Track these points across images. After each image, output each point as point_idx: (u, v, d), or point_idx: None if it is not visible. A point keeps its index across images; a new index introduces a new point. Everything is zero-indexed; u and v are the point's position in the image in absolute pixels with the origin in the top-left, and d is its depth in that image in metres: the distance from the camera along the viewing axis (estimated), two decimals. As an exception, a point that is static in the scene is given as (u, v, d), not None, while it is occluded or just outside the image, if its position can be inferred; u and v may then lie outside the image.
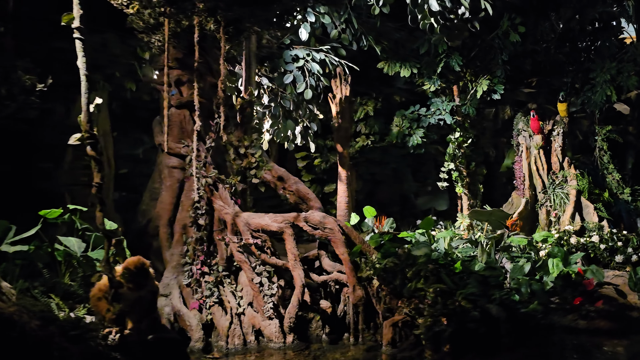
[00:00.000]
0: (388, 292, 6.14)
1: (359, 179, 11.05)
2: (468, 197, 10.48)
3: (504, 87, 11.10)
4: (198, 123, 6.30)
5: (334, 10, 7.92)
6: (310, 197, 7.34)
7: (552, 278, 6.41)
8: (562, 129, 10.26)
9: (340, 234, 6.43)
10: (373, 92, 11.54)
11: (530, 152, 10.35)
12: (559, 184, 10.09)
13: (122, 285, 4.40)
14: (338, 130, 10.09)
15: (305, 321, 6.54)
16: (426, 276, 6.31)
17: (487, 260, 6.65)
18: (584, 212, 9.80)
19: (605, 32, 10.44)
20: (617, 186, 10.69)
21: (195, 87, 6.33)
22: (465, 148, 10.25)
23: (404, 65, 9.26)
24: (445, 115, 9.80)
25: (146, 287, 4.59)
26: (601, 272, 6.56)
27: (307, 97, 7.75)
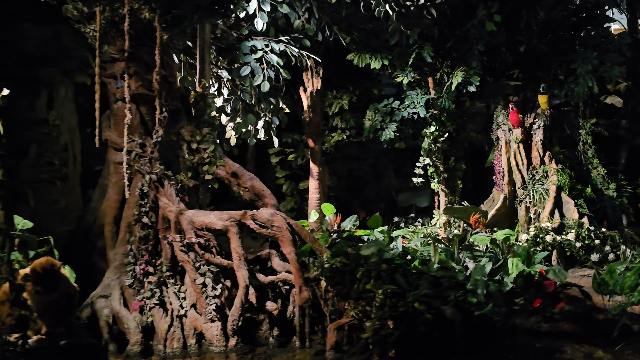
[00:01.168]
0: (335, 293, 5.84)
1: (334, 175, 10.74)
2: (446, 193, 10.13)
3: (488, 79, 10.78)
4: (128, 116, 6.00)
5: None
6: (265, 193, 7.05)
7: (512, 279, 6.07)
8: (543, 122, 9.86)
9: (289, 233, 6.14)
10: (351, 85, 11.21)
11: (509, 146, 9.96)
12: (539, 179, 9.69)
13: (24, 289, 4.14)
14: (309, 124, 9.80)
15: (254, 323, 6.28)
16: (377, 277, 6.01)
17: (440, 260, 6.31)
18: (564, 208, 9.39)
19: (589, 21, 10.01)
20: (602, 182, 10.27)
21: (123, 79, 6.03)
22: (442, 142, 9.89)
23: (374, 57, 8.92)
24: (419, 109, 9.44)
25: (57, 290, 4.32)
26: (563, 272, 6.19)
27: (264, 90, 7.44)
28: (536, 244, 8.54)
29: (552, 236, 8.39)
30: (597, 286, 5.99)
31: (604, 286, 5.92)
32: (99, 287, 6.14)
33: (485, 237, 7.22)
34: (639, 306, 6.21)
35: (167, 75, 6.88)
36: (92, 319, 5.95)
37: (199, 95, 7.12)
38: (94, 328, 5.90)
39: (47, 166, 8.76)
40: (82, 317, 5.91)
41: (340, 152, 10.81)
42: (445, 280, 5.80)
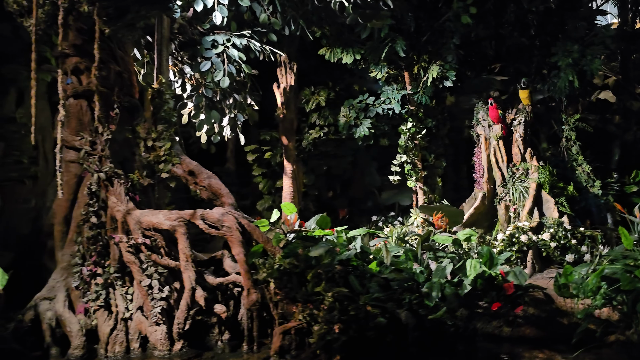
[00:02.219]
0: (283, 296, 5.62)
1: (310, 173, 10.50)
2: (425, 191, 9.87)
3: (468, 74, 10.49)
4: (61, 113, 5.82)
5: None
6: (222, 192, 6.84)
7: (470, 281, 5.80)
8: (524, 118, 9.55)
9: (238, 233, 5.94)
10: (331, 81, 10.97)
11: (489, 143, 9.67)
12: (519, 177, 9.39)
13: None
14: (283, 121, 9.60)
15: (206, 327, 6.09)
16: (331, 279, 5.80)
17: (393, 262, 6.06)
18: (544, 207, 9.09)
19: (573, 14, 9.67)
20: (587, 179, 9.93)
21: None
22: (420, 139, 9.63)
23: (346, 51, 8.67)
24: (394, 105, 9.18)
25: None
26: (524, 274, 5.91)
27: (223, 85, 7.22)
28: (512, 244, 8.27)
29: (527, 236, 8.10)
30: (557, 289, 5.71)
31: (564, 289, 5.63)
32: (44, 289, 5.97)
33: (448, 237, 6.95)
34: (607, 309, 5.94)
35: (121, 70, 6.71)
36: (35, 321, 5.79)
37: (156, 92, 6.93)
38: (37, 331, 5.74)
39: (16, 165, 8.66)
40: (25, 319, 5.75)
41: (318, 150, 10.57)
42: (395, 283, 5.55)
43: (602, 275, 5.55)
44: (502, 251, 8.28)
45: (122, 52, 6.77)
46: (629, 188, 10.65)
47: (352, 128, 9.30)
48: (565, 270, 5.71)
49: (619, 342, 5.57)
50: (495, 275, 5.92)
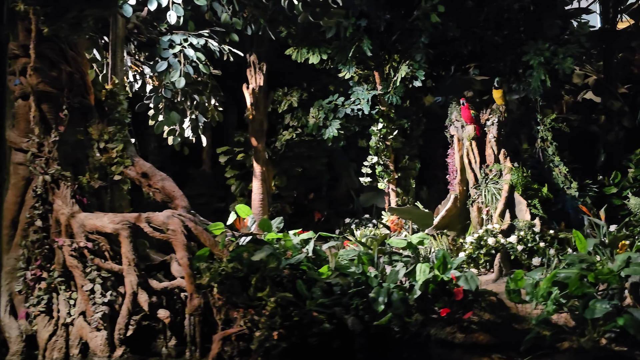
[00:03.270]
0: (225, 301, 5.48)
1: (282, 175, 10.35)
2: (398, 193, 9.70)
3: (442, 73, 10.33)
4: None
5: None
6: (176, 195, 6.71)
7: (420, 286, 5.63)
8: (497, 118, 9.34)
9: (183, 236, 5.81)
10: (306, 82, 10.83)
11: (462, 143, 9.47)
12: (492, 178, 9.19)
13: None
14: (252, 122, 9.48)
15: (153, 332, 5.96)
16: (278, 283, 5.66)
17: (338, 266, 5.90)
18: (517, 209, 8.88)
19: (548, 12, 9.47)
20: (564, 180, 9.72)
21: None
22: (392, 140, 9.46)
23: (312, 51, 8.53)
24: (364, 105, 9.03)
25: None
26: (475, 279, 5.73)
27: (179, 86, 7.10)
28: (480, 247, 8.09)
29: (495, 239, 7.92)
30: (507, 294, 5.53)
31: (514, 294, 5.46)
32: (-14, 293, 5.87)
33: (401, 240, 6.79)
34: (564, 314, 5.76)
35: (72, 71, 6.60)
36: (-24, 327, 5.68)
37: (109, 92, 6.82)
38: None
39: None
40: (-34, 325, 5.65)
41: (291, 151, 10.43)
42: (338, 288, 5.40)
43: (555, 280, 5.37)
44: (470, 254, 8.12)
45: (75, 53, 6.67)
46: (609, 189, 10.44)
47: (321, 129, 9.14)
48: (515, 275, 5.54)
49: (572, 350, 5.39)
50: (447, 280, 5.75)
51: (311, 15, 6.79)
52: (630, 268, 5.34)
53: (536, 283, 5.55)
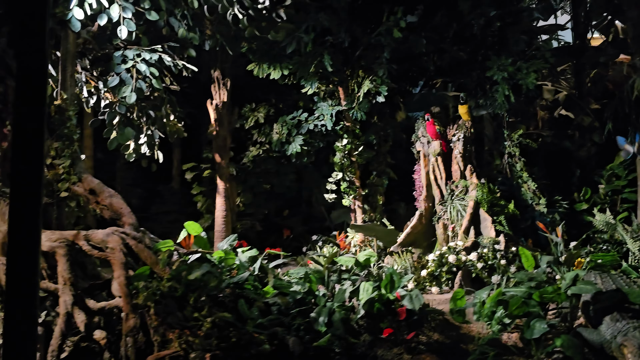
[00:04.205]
0: (161, 321, 5.31)
1: (249, 192, 10.22)
2: (365, 210, 9.56)
3: (410, 89, 10.28)
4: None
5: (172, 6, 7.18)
6: (123, 211, 6.56)
7: (364, 305, 5.48)
8: (463, 134, 9.25)
9: (122, 255, 5.65)
10: (275, 97, 10.77)
11: (428, 159, 9.37)
12: (458, 194, 9.08)
13: None
14: (216, 138, 9.37)
15: (93, 353, 5.78)
16: (218, 303, 5.50)
17: (277, 284, 5.75)
18: (482, 226, 8.75)
19: (514, 27, 9.43)
20: (532, 197, 9.60)
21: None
22: (357, 156, 9.35)
23: (273, 67, 8.46)
24: (327, 121, 8.93)
25: None
26: (420, 298, 5.58)
27: (129, 101, 7.00)
28: (442, 265, 7.95)
29: (455, 256, 7.77)
30: (450, 313, 5.38)
31: (457, 314, 5.30)
32: None
33: (350, 258, 6.65)
34: (515, 334, 5.60)
35: (17, 86, 6.50)
36: None
37: (57, 108, 6.72)
38: None
39: None
40: None
41: (259, 168, 10.31)
42: (276, 308, 5.24)
43: (501, 299, 5.22)
44: (432, 272, 7.97)
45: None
46: (579, 206, 10.35)
47: (284, 145, 9.04)
48: (454, 295, 5.39)
49: (518, 371, 5.23)
50: (393, 299, 5.60)
51: (257, 30, 6.73)
52: (576, 286, 5.20)
53: (483, 302, 5.40)
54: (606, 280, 5.73)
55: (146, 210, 11.49)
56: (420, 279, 8.06)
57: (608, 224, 8.33)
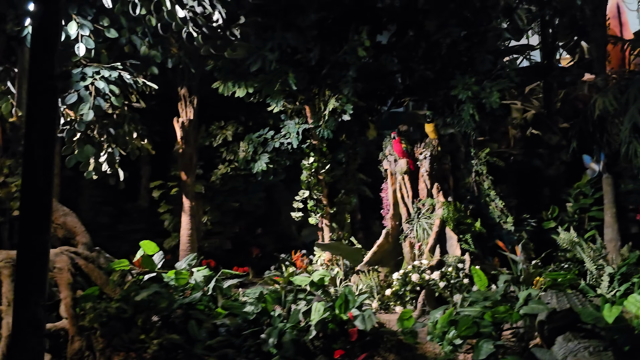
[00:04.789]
0: (106, 344, 5.18)
1: (216, 210, 10.12)
2: (333, 228, 9.49)
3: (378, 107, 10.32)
4: None
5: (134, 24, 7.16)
6: (77, 230, 6.45)
7: (316, 325, 5.39)
8: (429, 152, 9.26)
9: (69, 275, 5.53)
10: (245, 115, 10.72)
11: (395, 177, 9.36)
12: (424, 213, 9.05)
13: None
14: (181, 156, 9.29)
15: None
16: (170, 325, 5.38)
17: (226, 305, 5.65)
18: (448, 244, 8.72)
19: (480, 47, 9.53)
20: (500, 215, 9.61)
21: None
22: (325, 174, 9.31)
23: (238, 85, 8.44)
24: (293, 139, 8.90)
25: None
26: (372, 319, 5.50)
27: (86, 119, 6.92)
28: (406, 284, 7.89)
29: (418, 275, 7.72)
30: (402, 333, 5.31)
31: (408, 335, 5.23)
32: None
33: (305, 278, 6.56)
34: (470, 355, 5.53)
35: (-29, 103, 6.42)
36: None
37: (11, 125, 6.62)
38: None
39: None
40: None
41: (227, 186, 10.22)
42: (224, 329, 5.13)
43: (453, 319, 5.16)
44: (397, 291, 7.91)
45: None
46: (547, 224, 10.36)
47: (250, 163, 8.98)
48: (402, 315, 5.32)
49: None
50: (347, 320, 5.51)
51: (213, 48, 6.71)
52: (528, 306, 5.16)
53: (436, 322, 5.34)
54: (562, 299, 5.71)
55: (114, 229, 11.32)
56: (385, 298, 8.01)
57: (572, 242, 8.34)
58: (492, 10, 9.97)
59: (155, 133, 11.21)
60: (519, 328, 5.72)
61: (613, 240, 9.22)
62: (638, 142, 7.75)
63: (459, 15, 9.35)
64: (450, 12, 9.11)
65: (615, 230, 9.23)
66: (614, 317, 4.71)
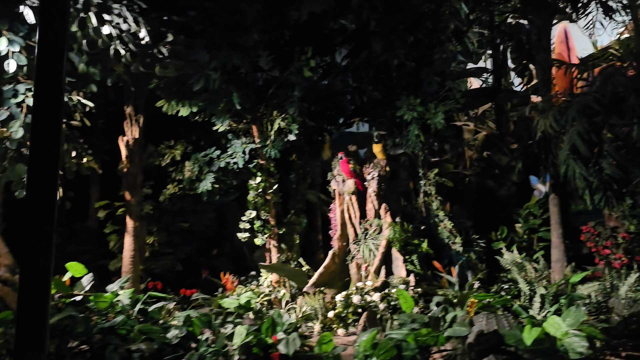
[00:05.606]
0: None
1: (163, 231, 9.93)
2: (282, 249, 9.37)
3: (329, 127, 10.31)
4: None
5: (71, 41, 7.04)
6: (0, 252, 6.23)
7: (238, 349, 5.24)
8: (377, 173, 9.26)
9: (-20, 298, 5.30)
10: (196, 134, 10.62)
11: (343, 198, 9.32)
12: (371, 233, 9.01)
13: None
14: (126, 176, 9.11)
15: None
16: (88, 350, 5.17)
17: (145, 329, 5.48)
18: (394, 265, 8.68)
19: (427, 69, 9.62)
20: (449, 235, 9.61)
21: None
22: (272, 194, 9.22)
23: (182, 104, 8.35)
24: (239, 159, 8.82)
25: None
26: (295, 343, 5.37)
27: (16, 137, 6.75)
28: (348, 306, 7.79)
29: (360, 297, 7.64)
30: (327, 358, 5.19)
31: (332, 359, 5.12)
32: None
33: (234, 300, 6.43)
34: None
35: None
36: None
37: None
38: None
39: None
40: None
41: (176, 206, 10.06)
42: (138, 355, 4.96)
43: (375, 342, 5.07)
44: (339, 313, 7.81)
45: None
46: (496, 245, 10.38)
47: (195, 183, 8.85)
48: (320, 339, 5.21)
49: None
50: (271, 343, 5.38)
51: (142, 66, 6.64)
52: (452, 328, 5.10)
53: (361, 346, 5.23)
54: (491, 321, 5.66)
55: (63, 250, 11.03)
56: (327, 320, 7.89)
57: (515, 263, 8.34)
58: (441, 33, 10.09)
59: (105, 152, 11.05)
60: (449, 351, 5.64)
61: (559, 261, 9.25)
62: (576, 163, 7.82)
63: (407, 37, 9.44)
64: (397, 34, 9.19)
65: (562, 251, 9.26)
66: (532, 338, 4.67)
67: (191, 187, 8.94)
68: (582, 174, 7.86)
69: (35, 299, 2.15)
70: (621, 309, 6.11)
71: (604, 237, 8.57)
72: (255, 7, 7.94)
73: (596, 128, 8.08)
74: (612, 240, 8.51)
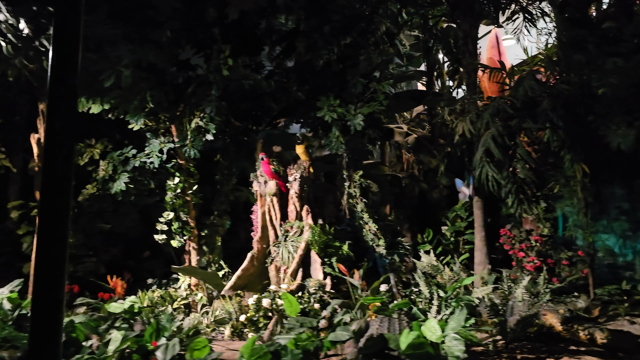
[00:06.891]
0: None
1: (80, 232, 9.59)
2: (202, 251, 9.16)
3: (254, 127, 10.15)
4: None
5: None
6: None
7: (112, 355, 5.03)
8: (299, 174, 9.13)
9: None
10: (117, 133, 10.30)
11: (265, 199, 9.17)
12: (291, 236, 8.87)
13: None
14: (38, 175, 8.75)
15: None
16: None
17: (10, 335, 5.23)
18: (312, 268, 8.56)
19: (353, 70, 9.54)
20: (373, 238, 9.55)
21: None
22: (192, 195, 9.01)
23: (92, 100, 8.07)
24: (154, 158, 8.57)
25: None
26: (175, 348, 5.20)
27: None
28: (259, 309, 7.64)
29: (270, 300, 7.49)
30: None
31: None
32: None
33: (119, 305, 6.22)
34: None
35: None
36: None
37: None
38: None
39: None
40: None
41: (95, 207, 9.73)
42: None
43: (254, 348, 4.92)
44: (251, 317, 7.65)
45: None
46: (423, 247, 10.39)
47: (108, 182, 8.57)
48: (193, 345, 5.04)
49: None
50: (151, 349, 5.18)
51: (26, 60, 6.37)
52: (334, 333, 4.99)
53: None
54: (383, 324, 5.59)
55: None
56: (239, 324, 7.72)
57: (432, 266, 8.33)
58: (372, 35, 10.05)
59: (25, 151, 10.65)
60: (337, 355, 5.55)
61: (482, 264, 9.29)
62: (489, 167, 7.85)
63: (333, 37, 9.35)
64: (321, 34, 9.09)
65: (484, 254, 9.30)
66: (407, 343, 4.61)
67: (104, 188, 8.64)
68: (494, 178, 7.90)
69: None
70: (517, 311, 6.12)
71: (519, 239, 8.64)
72: (169, 4, 7.72)
73: (511, 132, 8.15)
74: (527, 243, 8.59)
